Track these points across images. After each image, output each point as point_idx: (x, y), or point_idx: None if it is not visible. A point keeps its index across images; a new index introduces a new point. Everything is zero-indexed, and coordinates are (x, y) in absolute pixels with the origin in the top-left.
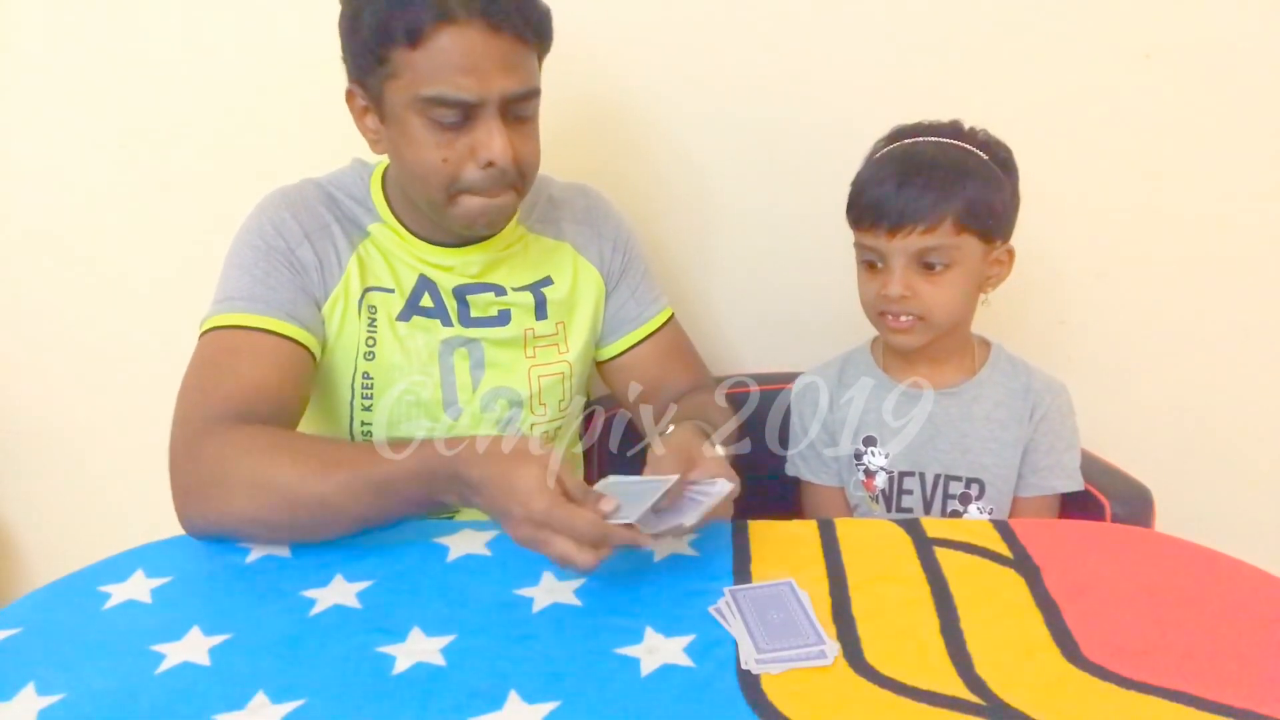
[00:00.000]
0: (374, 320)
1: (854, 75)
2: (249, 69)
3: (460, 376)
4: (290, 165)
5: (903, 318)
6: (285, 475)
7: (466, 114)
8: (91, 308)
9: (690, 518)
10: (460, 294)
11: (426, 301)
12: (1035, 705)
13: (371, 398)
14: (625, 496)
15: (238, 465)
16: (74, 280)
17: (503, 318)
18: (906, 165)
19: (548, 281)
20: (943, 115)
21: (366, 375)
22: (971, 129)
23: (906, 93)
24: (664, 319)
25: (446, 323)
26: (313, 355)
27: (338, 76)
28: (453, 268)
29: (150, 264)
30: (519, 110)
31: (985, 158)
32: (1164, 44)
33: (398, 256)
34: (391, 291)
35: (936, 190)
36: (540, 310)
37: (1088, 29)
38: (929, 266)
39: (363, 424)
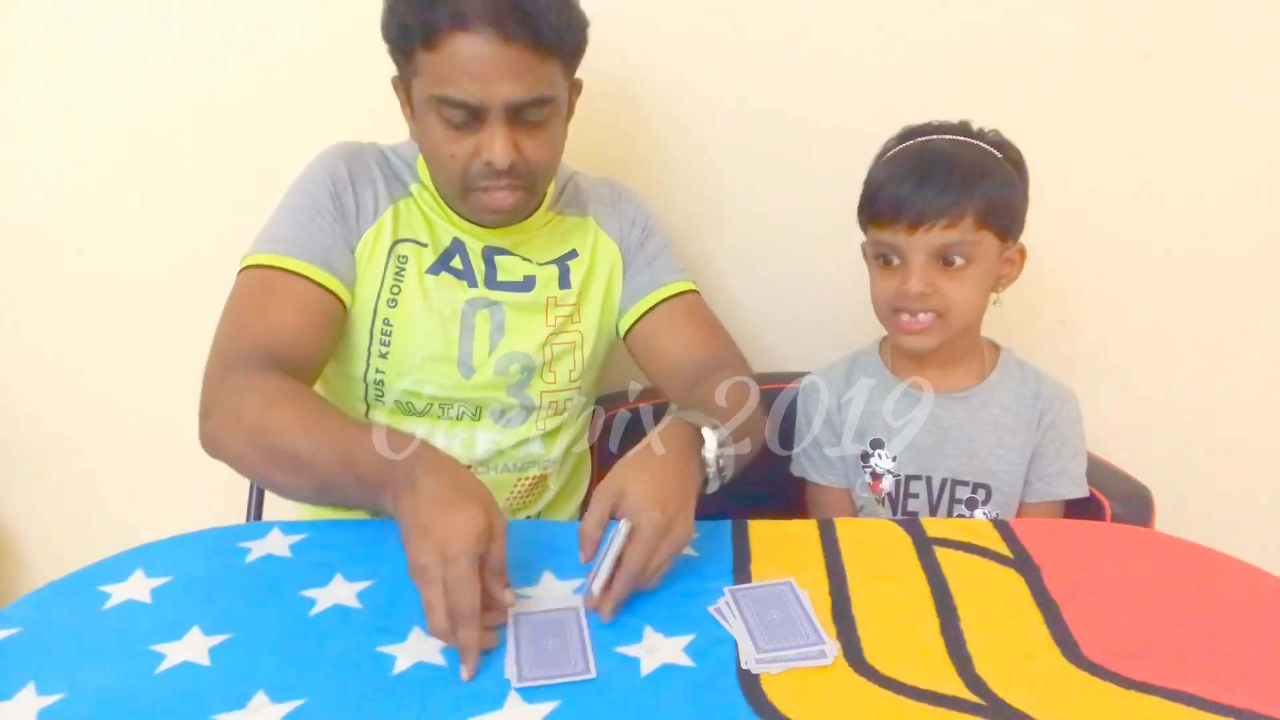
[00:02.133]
0: (402, 270)
1: (859, 76)
2: (250, 69)
3: (479, 338)
4: (291, 165)
5: (920, 316)
6: (276, 423)
7: (475, 115)
8: (91, 308)
9: (596, 583)
10: (489, 255)
11: (456, 263)
12: (1035, 705)
13: (389, 344)
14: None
15: (245, 407)
16: (74, 280)
17: (528, 283)
18: (925, 162)
19: (572, 254)
20: (945, 114)
21: (387, 322)
22: (981, 130)
23: (910, 93)
24: (682, 288)
25: (473, 284)
26: (342, 304)
27: (339, 76)
28: (485, 240)
29: (150, 264)
30: (530, 115)
31: (1000, 156)
32: (1164, 44)
33: (433, 219)
34: (425, 245)
35: (958, 186)
36: (564, 279)
37: (1088, 29)
38: (948, 262)
39: (377, 370)
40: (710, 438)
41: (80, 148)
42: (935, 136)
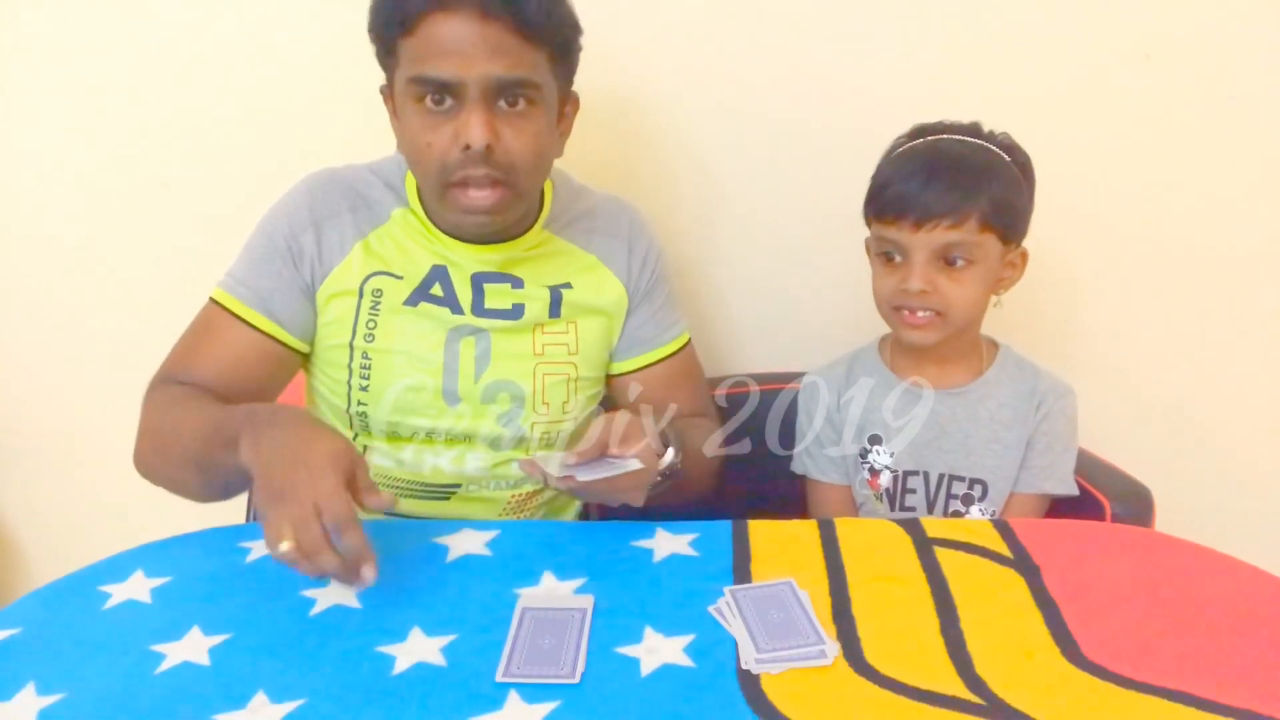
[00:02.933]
0: (377, 304)
1: (858, 77)
2: (251, 69)
3: (464, 365)
4: (290, 165)
5: (920, 313)
6: (165, 425)
7: (453, 96)
8: (91, 307)
9: (586, 475)
10: (478, 281)
11: (437, 290)
12: (1035, 705)
13: (369, 378)
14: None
15: (150, 415)
16: (74, 280)
17: (516, 311)
18: (934, 161)
19: (567, 285)
20: (942, 115)
21: (365, 356)
22: (991, 132)
23: (910, 94)
24: (679, 345)
25: (457, 310)
26: (283, 345)
27: (338, 76)
28: (476, 260)
29: (150, 264)
30: (510, 100)
31: (1008, 159)
32: (1164, 44)
33: (415, 244)
34: (400, 278)
35: (964, 187)
36: (555, 309)
37: (1088, 29)
38: (950, 262)
39: (359, 404)
40: (668, 456)
41: (80, 148)
42: (945, 136)
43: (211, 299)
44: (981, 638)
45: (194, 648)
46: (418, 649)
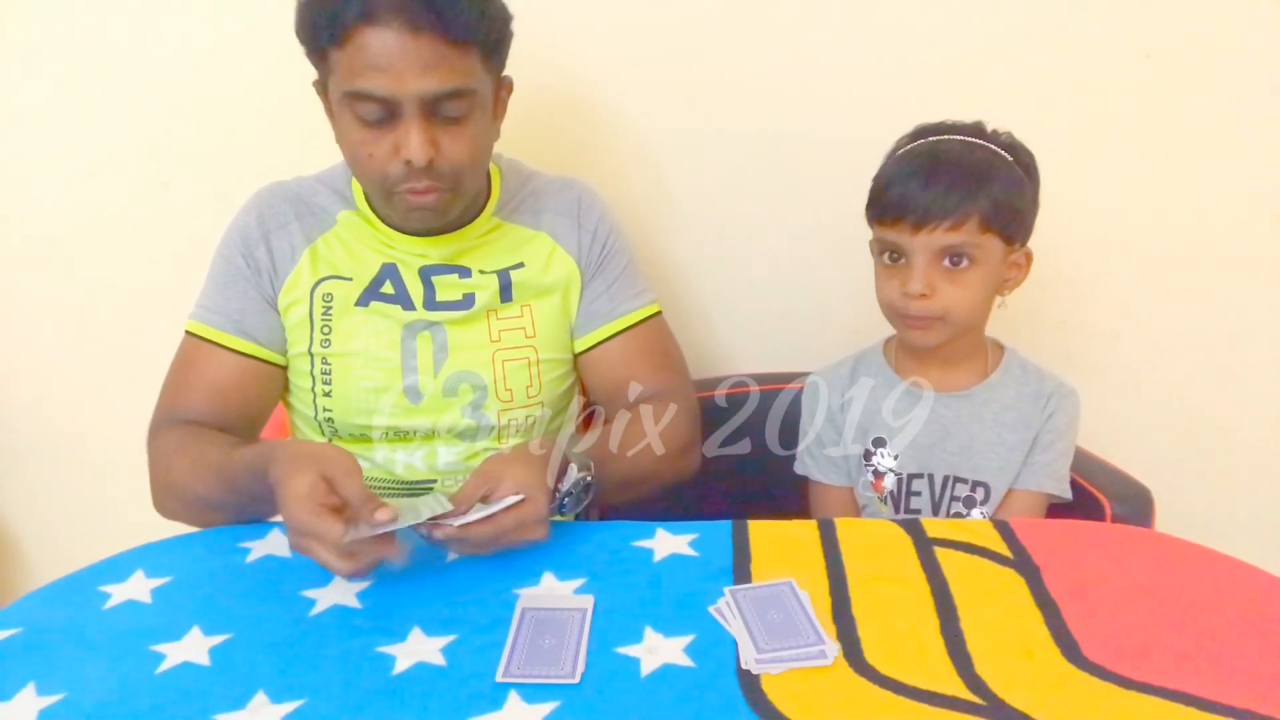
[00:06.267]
0: (329, 309)
1: (856, 79)
2: (250, 68)
3: (422, 360)
4: (289, 165)
5: (920, 315)
6: (178, 478)
7: (389, 111)
8: (91, 307)
9: (457, 520)
10: (426, 275)
11: (387, 289)
12: (1035, 705)
13: (330, 383)
14: (411, 510)
15: (158, 472)
16: (74, 280)
17: (466, 301)
18: (933, 162)
19: (519, 266)
20: (940, 115)
21: (325, 361)
22: (995, 131)
23: (908, 94)
24: (638, 318)
25: (408, 307)
26: (265, 362)
27: None
28: (424, 255)
29: (150, 264)
30: (447, 110)
31: (1010, 159)
32: (1164, 44)
33: (364, 244)
34: (349, 280)
35: (964, 188)
36: (505, 293)
37: (1088, 29)
38: (951, 264)
39: (324, 410)
40: (570, 476)
41: (80, 148)
42: (946, 137)
43: (187, 331)
44: (981, 638)
45: (194, 648)
46: (418, 649)
